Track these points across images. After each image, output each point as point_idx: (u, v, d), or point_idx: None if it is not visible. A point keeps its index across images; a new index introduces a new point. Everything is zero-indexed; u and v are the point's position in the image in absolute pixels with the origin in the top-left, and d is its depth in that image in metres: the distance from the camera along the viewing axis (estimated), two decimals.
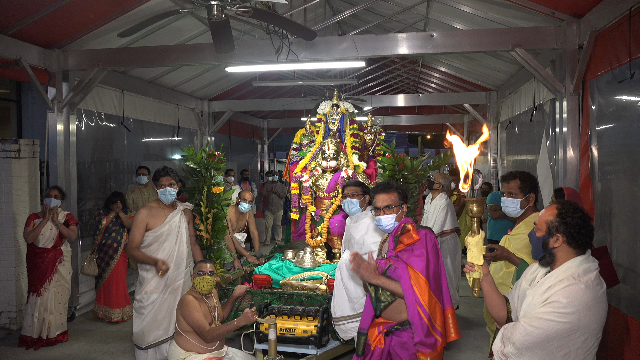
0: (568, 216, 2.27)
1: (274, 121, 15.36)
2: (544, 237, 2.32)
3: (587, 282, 2.18)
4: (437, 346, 2.89)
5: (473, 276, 2.48)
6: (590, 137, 5.13)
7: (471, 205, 2.51)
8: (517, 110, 8.41)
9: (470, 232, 2.51)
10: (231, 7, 3.63)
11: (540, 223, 2.34)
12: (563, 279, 2.21)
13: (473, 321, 6.15)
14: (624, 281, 4.26)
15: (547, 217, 2.32)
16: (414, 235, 3.03)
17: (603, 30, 4.81)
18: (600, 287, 2.21)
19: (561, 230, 2.27)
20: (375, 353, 3.02)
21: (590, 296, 2.15)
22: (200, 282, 3.81)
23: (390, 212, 3.17)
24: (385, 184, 3.32)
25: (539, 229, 2.35)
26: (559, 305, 2.13)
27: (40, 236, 5.38)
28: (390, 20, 8.21)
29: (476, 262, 2.47)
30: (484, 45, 5.65)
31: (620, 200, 4.53)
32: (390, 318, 3.07)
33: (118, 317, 6.27)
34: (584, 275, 2.21)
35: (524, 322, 2.21)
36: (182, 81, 9.27)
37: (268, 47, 5.86)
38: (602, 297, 2.21)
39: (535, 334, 2.16)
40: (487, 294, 2.54)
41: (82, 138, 7.16)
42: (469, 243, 2.49)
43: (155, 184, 4.44)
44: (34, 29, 5.76)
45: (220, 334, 3.74)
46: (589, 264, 2.26)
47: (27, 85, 9.42)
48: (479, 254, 2.47)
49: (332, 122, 6.00)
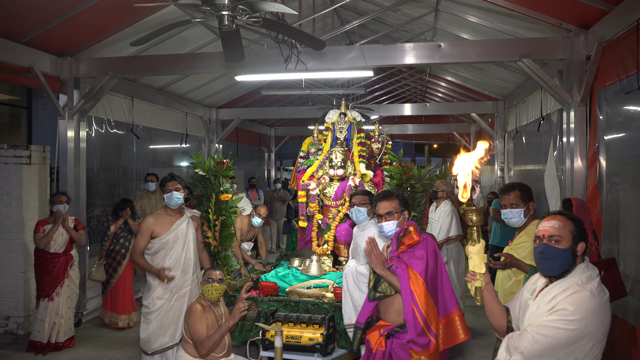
0: (579, 222, 2.30)
1: (281, 129, 15.43)
2: (571, 247, 2.25)
3: (591, 290, 2.18)
4: (430, 347, 2.95)
5: (475, 285, 2.49)
6: (598, 147, 5.13)
7: (470, 215, 2.54)
8: (524, 120, 8.41)
9: (470, 241, 2.53)
10: (242, 17, 3.68)
11: (563, 234, 2.27)
12: (568, 287, 2.21)
13: (479, 330, 6.12)
14: (632, 293, 4.23)
15: (569, 227, 2.27)
16: (414, 236, 3.15)
17: (611, 41, 4.83)
18: (604, 294, 2.22)
19: (583, 238, 2.28)
20: (377, 356, 3.08)
21: (595, 303, 2.15)
22: (210, 289, 3.83)
23: (392, 218, 3.32)
24: (387, 192, 3.49)
25: (562, 239, 2.26)
26: (566, 312, 2.13)
27: (52, 242, 5.43)
28: (398, 30, 8.26)
29: (478, 270, 2.48)
30: (492, 55, 5.67)
31: (628, 211, 4.52)
32: (389, 319, 3.16)
33: (124, 324, 6.30)
34: (588, 282, 2.21)
35: (531, 331, 2.21)
36: (191, 89, 9.34)
37: (277, 56, 5.91)
38: (606, 303, 2.21)
39: (543, 342, 2.16)
40: (487, 303, 2.55)
41: (91, 145, 7.23)
42: (470, 252, 2.51)
43: (161, 190, 4.48)
44: (47, 38, 5.85)
45: (215, 341, 3.70)
46: (590, 271, 2.27)
47: (37, 92, 9.53)
48: (480, 262, 2.49)
49: (339, 130, 6.02)
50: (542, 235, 2.31)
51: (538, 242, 2.34)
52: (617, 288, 3.90)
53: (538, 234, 2.34)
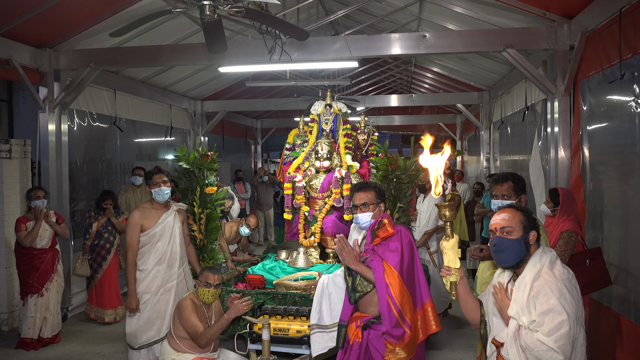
0: (528, 212, 2.39)
1: (267, 121, 15.36)
2: (523, 236, 2.34)
3: (560, 275, 2.26)
4: (405, 338, 2.97)
5: (450, 279, 2.52)
6: (582, 137, 5.17)
7: (444, 210, 2.53)
8: (509, 111, 8.46)
9: (444, 237, 2.54)
10: (223, 7, 3.62)
11: (514, 224, 2.36)
12: (539, 278, 2.26)
13: (465, 321, 6.16)
14: (616, 281, 4.29)
15: (519, 217, 2.36)
16: (389, 228, 3.16)
17: (594, 31, 4.85)
18: (569, 272, 2.31)
19: (534, 226, 2.36)
20: (354, 347, 3.10)
21: (567, 285, 2.23)
22: (205, 293, 3.83)
23: (367, 209, 3.33)
24: (364, 183, 3.51)
25: (513, 230, 2.35)
26: (557, 310, 2.17)
27: (39, 238, 5.39)
28: (383, 20, 8.23)
29: (453, 265, 2.51)
30: (476, 45, 5.68)
31: (611, 199, 4.57)
32: (367, 312, 3.18)
33: (111, 318, 6.24)
34: (554, 267, 2.29)
35: (547, 342, 2.17)
36: (174, 81, 9.23)
37: (261, 47, 5.85)
38: (574, 280, 2.29)
39: (560, 344, 2.17)
40: (462, 297, 2.60)
41: (74, 138, 7.11)
42: (444, 247, 2.53)
43: (147, 183, 4.43)
44: (25, 29, 5.72)
45: (214, 333, 3.73)
46: (549, 254, 2.34)
47: (18, 85, 9.34)
48: (455, 257, 2.51)
49: (325, 122, 5.99)
50: (494, 229, 2.41)
51: (492, 235, 2.44)
52: (602, 277, 3.95)
53: (491, 228, 2.45)
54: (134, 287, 4.28)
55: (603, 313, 4.49)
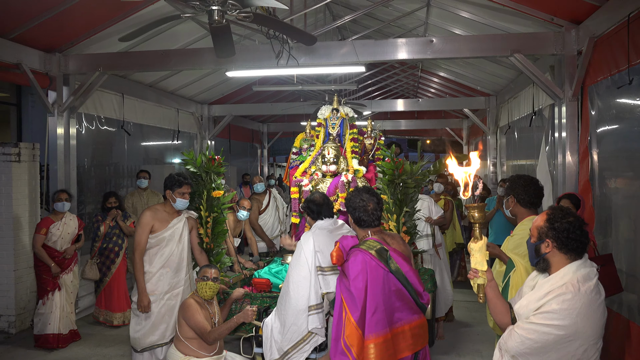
0: (556, 221, 2.27)
1: (273, 125, 15.39)
2: (535, 243, 2.33)
3: (585, 291, 2.14)
4: None
5: (477, 282, 2.47)
6: (590, 142, 5.14)
7: (472, 212, 2.50)
8: (516, 116, 8.43)
9: (473, 238, 2.50)
10: (232, 12, 3.64)
11: (533, 229, 2.36)
12: (561, 286, 2.18)
13: (472, 325, 6.14)
14: (625, 287, 4.25)
15: (538, 223, 2.33)
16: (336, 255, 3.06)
17: (602, 36, 4.83)
18: (599, 296, 2.18)
19: (550, 236, 2.27)
20: None
21: (588, 305, 2.12)
22: (203, 287, 3.82)
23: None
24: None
25: (532, 235, 2.37)
26: (554, 316, 2.12)
27: (60, 240, 5.56)
28: (390, 25, 8.25)
29: (480, 267, 2.46)
30: (483, 50, 5.67)
31: (620, 205, 4.54)
32: None
33: (120, 321, 6.26)
34: (584, 283, 2.17)
35: (519, 331, 2.20)
36: (182, 85, 9.28)
37: (268, 52, 5.87)
38: (601, 305, 2.18)
39: (527, 344, 2.16)
40: (490, 300, 2.51)
41: (82, 142, 7.16)
42: (472, 249, 2.48)
43: (170, 188, 4.39)
44: (35, 33, 5.78)
45: (222, 332, 3.74)
46: (587, 269, 2.22)
47: (27, 88, 9.42)
48: (482, 259, 2.46)
49: (332, 126, 5.99)
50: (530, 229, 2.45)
51: None
52: (613, 284, 3.91)
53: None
54: (143, 285, 4.25)
55: (612, 319, 4.45)
